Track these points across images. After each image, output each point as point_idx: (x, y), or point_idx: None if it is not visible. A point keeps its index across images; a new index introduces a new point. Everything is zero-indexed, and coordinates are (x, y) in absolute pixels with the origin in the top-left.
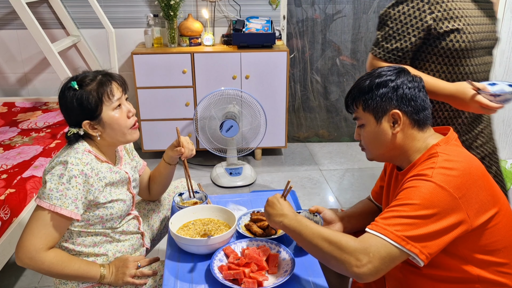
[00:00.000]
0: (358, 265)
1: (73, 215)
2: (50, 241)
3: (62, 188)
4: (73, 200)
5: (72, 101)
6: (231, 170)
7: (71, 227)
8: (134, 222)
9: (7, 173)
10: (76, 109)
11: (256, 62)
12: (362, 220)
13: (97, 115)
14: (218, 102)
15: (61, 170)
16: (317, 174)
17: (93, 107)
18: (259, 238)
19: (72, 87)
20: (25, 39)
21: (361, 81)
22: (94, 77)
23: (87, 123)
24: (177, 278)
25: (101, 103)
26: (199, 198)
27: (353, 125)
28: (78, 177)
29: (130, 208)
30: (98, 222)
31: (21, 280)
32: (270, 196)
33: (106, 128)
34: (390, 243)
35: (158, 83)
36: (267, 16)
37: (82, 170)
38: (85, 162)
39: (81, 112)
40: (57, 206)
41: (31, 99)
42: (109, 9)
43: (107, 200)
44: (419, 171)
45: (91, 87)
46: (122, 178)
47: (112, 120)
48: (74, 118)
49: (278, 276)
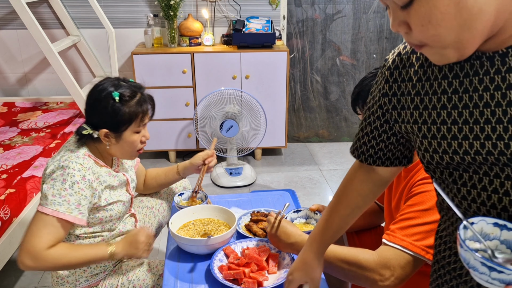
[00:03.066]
0: (382, 280)
1: (77, 221)
2: (52, 240)
3: (65, 194)
4: (76, 206)
5: (107, 108)
6: (231, 170)
7: (71, 230)
8: (131, 220)
9: (7, 173)
10: (106, 117)
11: (256, 62)
12: (364, 219)
13: (120, 131)
14: (218, 102)
15: (63, 175)
16: (317, 174)
17: (123, 123)
18: (259, 238)
19: (113, 97)
20: (25, 39)
21: (369, 82)
22: (134, 94)
23: (105, 132)
24: (177, 278)
25: (129, 124)
26: (199, 198)
27: (353, 125)
28: (80, 182)
29: (128, 209)
30: (97, 224)
31: (21, 280)
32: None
33: (118, 144)
34: (410, 254)
35: (158, 83)
36: (267, 16)
37: (84, 176)
38: (87, 167)
39: (108, 121)
40: (60, 212)
41: (31, 99)
42: (109, 9)
43: (107, 202)
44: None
45: (130, 104)
46: (121, 181)
47: (128, 140)
48: (96, 121)
49: (278, 276)
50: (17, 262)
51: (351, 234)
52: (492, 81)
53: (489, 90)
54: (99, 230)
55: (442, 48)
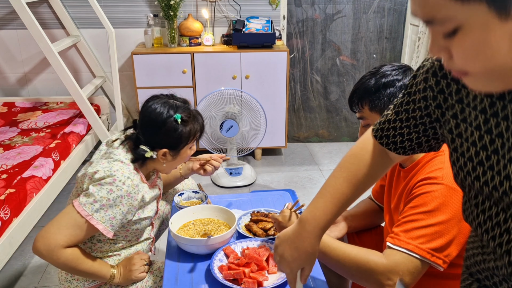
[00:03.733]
0: (390, 284)
1: (105, 232)
2: (73, 241)
3: (106, 203)
4: (110, 218)
5: (170, 131)
6: (231, 170)
7: (95, 235)
8: (149, 228)
9: (7, 173)
10: (170, 139)
11: (256, 62)
12: (365, 219)
13: (179, 149)
14: (218, 102)
15: (111, 185)
16: (317, 174)
17: (184, 142)
18: (259, 238)
19: (176, 119)
20: (25, 39)
21: (366, 81)
22: (189, 113)
23: (165, 151)
24: (177, 278)
25: (188, 142)
26: (199, 198)
27: (353, 125)
28: (124, 197)
29: (151, 222)
30: (122, 237)
31: (21, 280)
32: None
33: (174, 159)
34: (416, 257)
35: (158, 83)
36: (267, 16)
37: (129, 192)
38: (135, 184)
39: (170, 142)
40: (93, 218)
41: (31, 99)
42: (109, 9)
43: (138, 217)
44: (428, 173)
45: (192, 125)
46: (156, 195)
47: (184, 156)
48: (157, 141)
49: (278, 276)
50: (33, 243)
51: (351, 235)
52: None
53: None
54: (121, 239)
55: (487, 80)
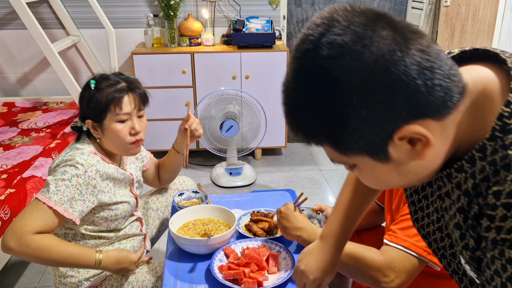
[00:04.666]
0: (386, 281)
1: (66, 214)
2: (40, 226)
3: (62, 184)
4: (69, 199)
5: (85, 97)
6: (231, 170)
7: (78, 228)
8: (137, 224)
9: (7, 173)
10: (84, 106)
11: (256, 62)
12: (365, 219)
13: (100, 120)
14: (218, 102)
15: (65, 167)
16: (317, 174)
17: (98, 111)
18: (259, 238)
19: (90, 85)
20: (25, 39)
21: None
22: (116, 83)
23: (90, 122)
24: (177, 278)
25: (107, 111)
26: (199, 198)
27: None
28: (80, 177)
29: (134, 209)
30: (103, 223)
31: (21, 280)
32: (269, 194)
33: (105, 135)
34: (413, 255)
35: (158, 83)
36: (267, 16)
37: (85, 171)
38: (90, 164)
39: (87, 110)
40: (52, 201)
41: (31, 99)
42: (109, 9)
43: (112, 201)
44: None
45: (106, 92)
46: (126, 178)
47: (112, 131)
48: (82, 113)
49: (278, 276)
50: (1, 244)
51: (352, 234)
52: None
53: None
54: (105, 230)
55: (399, 185)
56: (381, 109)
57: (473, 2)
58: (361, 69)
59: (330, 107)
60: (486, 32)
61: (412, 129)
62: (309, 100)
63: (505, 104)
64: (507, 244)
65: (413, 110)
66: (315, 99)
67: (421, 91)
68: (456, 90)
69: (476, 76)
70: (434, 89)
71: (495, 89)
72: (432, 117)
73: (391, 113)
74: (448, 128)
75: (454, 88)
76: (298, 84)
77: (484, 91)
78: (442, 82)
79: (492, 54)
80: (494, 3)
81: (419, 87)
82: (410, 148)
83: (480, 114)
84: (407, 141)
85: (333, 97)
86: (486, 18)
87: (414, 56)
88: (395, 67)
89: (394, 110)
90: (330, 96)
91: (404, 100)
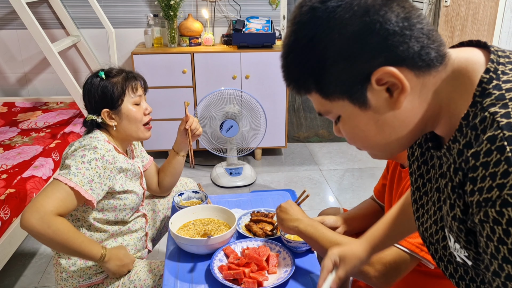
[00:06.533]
0: (376, 276)
1: (87, 195)
2: (61, 207)
3: (82, 167)
4: (89, 181)
5: (97, 89)
6: (231, 170)
7: (87, 217)
8: (142, 220)
9: (7, 173)
10: (99, 97)
11: (256, 62)
12: (365, 221)
13: (117, 105)
14: (218, 102)
15: (83, 151)
16: (317, 174)
17: (116, 96)
18: (259, 238)
19: (100, 76)
20: (25, 39)
21: None
22: (120, 72)
23: (106, 111)
24: (177, 278)
25: (123, 95)
26: (199, 198)
27: None
28: (98, 160)
29: (141, 203)
30: (111, 211)
31: (21, 280)
32: (269, 194)
33: (123, 120)
34: (405, 251)
35: (158, 83)
36: (267, 16)
37: (103, 156)
38: (107, 149)
39: (103, 100)
40: (73, 182)
41: (31, 99)
42: (109, 9)
43: (122, 189)
44: None
45: (117, 80)
46: (135, 171)
47: (130, 112)
48: (94, 105)
49: (278, 276)
50: (22, 217)
51: (351, 235)
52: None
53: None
54: (112, 220)
55: (379, 153)
56: (357, 48)
57: (473, 2)
58: (344, 10)
59: (313, 47)
60: (486, 32)
61: (387, 70)
62: (298, 44)
63: (485, 71)
64: (490, 203)
65: (390, 55)
66: (302, 40)
67: (397, 37)
68: (435, 52)
69: (460, 51)
70: (411, 40)
71: (479, 63)
72: (408, 66)
73: (368, 54)
74: (428, 89)
75: (432, 50)
76: (290, 30)
77: (467, 62)
78: (419, 38)
79: (483, 43)
80: (494, 3)
81: (396, 32)
82: (388, 96)
83: (462, 84)
84: (385, 90)
85: (315, 37)
86: (486, 18)
87: (395, 8)
88: (375, 11)
89: (372, 51)
90: (313, 37)
91: (380, 41)
